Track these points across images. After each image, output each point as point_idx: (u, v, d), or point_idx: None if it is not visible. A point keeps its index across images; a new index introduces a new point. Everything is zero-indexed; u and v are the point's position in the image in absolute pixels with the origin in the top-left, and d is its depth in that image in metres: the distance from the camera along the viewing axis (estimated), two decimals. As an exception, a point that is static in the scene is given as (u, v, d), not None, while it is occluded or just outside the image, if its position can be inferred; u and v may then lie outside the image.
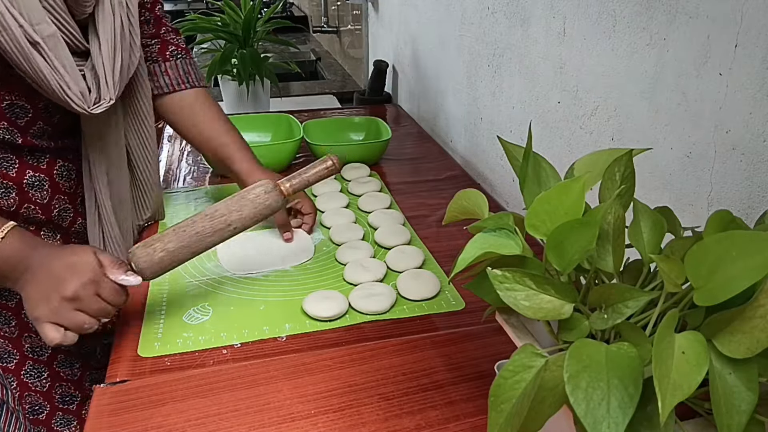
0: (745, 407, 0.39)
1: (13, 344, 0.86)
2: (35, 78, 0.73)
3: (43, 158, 0.84)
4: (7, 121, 0.77)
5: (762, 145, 0.61)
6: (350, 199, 1.14)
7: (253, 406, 0.67)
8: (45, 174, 0.84)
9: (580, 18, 0.89)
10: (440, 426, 0.64)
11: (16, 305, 0.85)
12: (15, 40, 0.69)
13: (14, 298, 0.85)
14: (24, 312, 0.85)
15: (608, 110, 0.85)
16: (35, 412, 0.89)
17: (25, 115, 0.79)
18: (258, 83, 1.69)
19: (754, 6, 0.60)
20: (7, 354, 0.85)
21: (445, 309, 0.84)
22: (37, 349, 0.88)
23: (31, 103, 0.79)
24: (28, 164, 0.82)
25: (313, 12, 3.25)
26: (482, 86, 1.26)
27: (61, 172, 0.86)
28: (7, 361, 0.85)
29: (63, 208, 0.88)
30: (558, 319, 0.48)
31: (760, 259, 0.38)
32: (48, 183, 0.84)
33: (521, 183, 0.55)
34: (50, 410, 0.90)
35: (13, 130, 0.79)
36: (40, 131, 0.81)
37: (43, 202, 0.85)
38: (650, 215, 0.51)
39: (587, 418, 0.38)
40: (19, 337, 0.86)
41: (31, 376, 0.88)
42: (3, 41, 0.69)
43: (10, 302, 0.85)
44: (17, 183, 0.81)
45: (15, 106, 0.77)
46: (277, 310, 0.83)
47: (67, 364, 0.92)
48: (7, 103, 0.77)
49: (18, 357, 0.86)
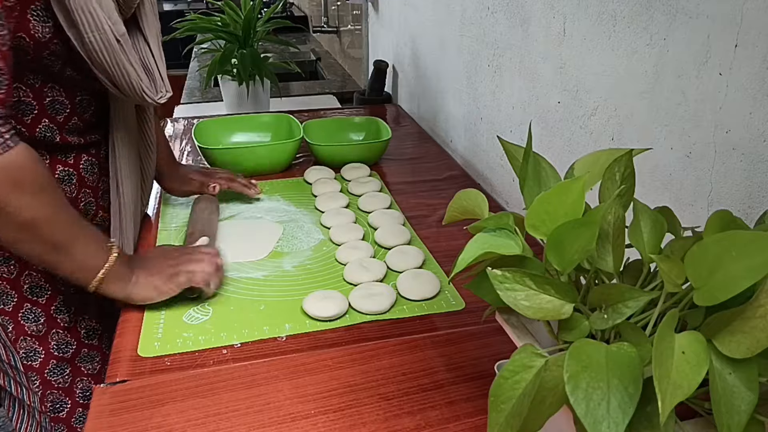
0: (745, 407, 0.39)
1: (40, 341, 0.87)
2: (117, 74, 0.75)
3: (71, 153, 0.86)
4: (48, 118, 0.79)
5: (762, 145, 0.61)
6: (350, 199, 1.14)
7: (253, 406, 0.67)
8: (73, 168, 0.86)
9: (580, 18, 0.89)
10: (440, 426, 0.64)
11: (47, 300, 0.87)
12: (107, 39, 0.72)
13: (45, 294, 0.86)
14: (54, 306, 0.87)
15: (608, 110, 0.85)
16: (56, 410, 0.90)
17: (63, 111, 0.80)
18: (258, 83, 1.69)
19: (754, 6, 0.60)
20: (33, 352, 0.87)
21: (445, 309, 0.84)
22: (62, 345, 0.89)
23: (69, 98, 0.80)
24: (59, 160, 0.84)
25: (313, 12, 3.25)
26: (482, 86, 1.26)
27: (86, 166, 0.88)
28: (32, 359, 0.87)
29: (87, 201, 0.90)
30: (558, 319, 0.48)
31: (760, 259, 0.38)
32: (75, 177, 0.87)
33: (521, 183, 0.55)
34: (71, 407, 0.92)
35: (53, 127, 0.80)
36: (74, 127, 0.83)
37: (71, 197, 0.87)
38: (650, 215, 0.51)
39: (587, 418, 0.38)
40: (46, 334, 0.87)
41: (54, 374, 0.89)
42: (96, 40, 0.71)
43: (41, 299, 0.86)
44: None
45: (56, 102, 0.79)
46: (277, 310, 0.83)
47: (88, 359, 0.93)
48: (48, 99, 0.78)
49: (44, 355, 0.87)
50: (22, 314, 0.85)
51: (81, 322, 0.92)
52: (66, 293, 0.88)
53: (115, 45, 0.72)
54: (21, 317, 0.85)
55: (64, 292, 0.88)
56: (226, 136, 1.35)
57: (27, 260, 0.80)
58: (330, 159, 1.28)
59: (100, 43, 0.72)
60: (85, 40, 0.71)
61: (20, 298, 0.84)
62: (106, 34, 0.71)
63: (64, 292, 0.88)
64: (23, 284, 0.84)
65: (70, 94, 0.80)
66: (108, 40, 0.72)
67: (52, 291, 0.87)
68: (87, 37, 0.71)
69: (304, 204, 1.13)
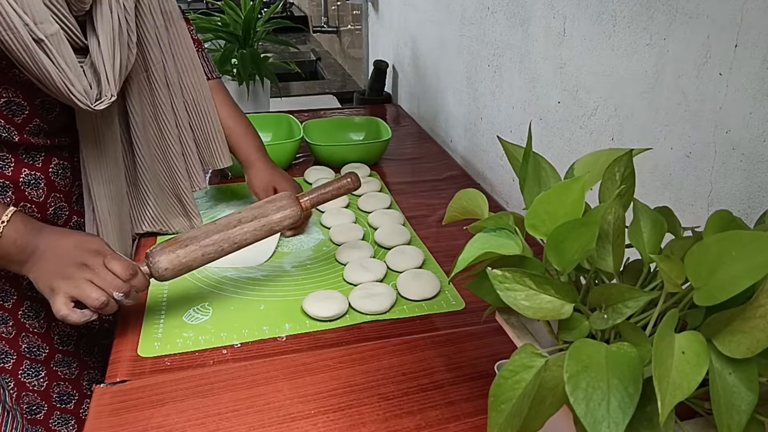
0: (745, 407, 0.39)
1: (10, 344, 0.86)
2: (39, 76, 0.72)
3: (39, 156, 0.84)
4: (4, 118, 0.77)
5: (762, 145, 0.61)
6: (350, 199, 1.14)
7: (253, 406, 0.67)
8: (40, 172, 0.84)
9: (580, 18, 0.89)
10: (440, 426, 0.64)
11: (12, 305, 0.85)
12: (20, 39, 0.69)
13: (10, 299, 0.85)
14: (21, 311, 0.85)
15: (608, 110, 0.85)
16: (33, 411, 0.89)
17: (21, 112, 0.79)
18: (258, 83, 1.69)
19: (754, 6, 0.60)
20: (4, 354, 0.85)
21: (445, 309, 0.84)
22: (34, 348, 0.88)
23: (27, 100, 0.79)
24: (24, 163, 0.82)
25: (313, 12, 3.26)
26: (482, 86, 1.26)
27: (56, 170, 0.86)
28: (4, 362, 0.85)
29: (58, 206, 0.88)
30: (558, 319, 0.48)
31: (760, 259, 0.38)
32: (44, 181, 0.84)
33: (521, 183, 0.55)
34: (48, 410, 0.90)
35: (10, 128, 0.79)
36: (37, 129, 0.81)
37: (39, 201, 0.85)
38: (650, 215, 0.51)
39: (587, 418, 0.38)
40: (16, 337, 0.86)
41: (28, 376, 0.88)
42: (8, 40, 0.69)
43: (7, 303, 0.85)
44: (13, 182, 0.81)
45: (12, 103, 0.77)
46: (277, 310, 0.83)
47: (64, 364, 0.92)
48: (4, 100, 0.76)
49: (15, 357, 0.86)
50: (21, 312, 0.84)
51: (54, 328, 0.90)
52: (34, 299, 0.86)
53: (31, 45, 0.70)
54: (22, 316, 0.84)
55: (31, 297, 0.86)
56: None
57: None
58: (330, 159, 1.28)
59: (14, 43, 0.69)
60: None
61: None
62: (20, 33, 0.69)
63: (31, 297, 0.86)
64: None
65: (27, 95, 0.78)
66: (22, 40, 0.69)
67: (18, 296, 0.85)
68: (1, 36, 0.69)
69: (304, 204, 1.13)
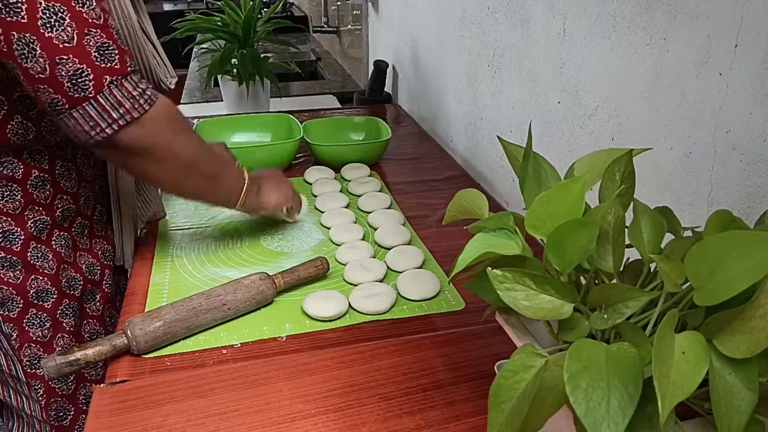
0: (745, 407, 0.39)
1: (45, 348, 0.86)
2: (140, 61, 0.80)
3: (67, 148, 0.86)
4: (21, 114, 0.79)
5: (762, 145, 0.61)
6: (350, 199, 1.14)
7: (253, 406, 0.67)
8: (71, 162, 0.87)
9: (580, 18, 0.89)
10: (440, 426, 0.64)
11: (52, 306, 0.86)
12: (133, 27, 0.77)
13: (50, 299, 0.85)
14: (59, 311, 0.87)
15: (608, 110, 0.85)
16: (60, 418, 0.89)
17: None
18: (258, 83, 1.69)
19: (754, 6, 0.60)
20: (38, 360, 0.86)
21: (445, 309, 0.84)
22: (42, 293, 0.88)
23: None
24: (56, 155, 0.85)
25: (313, 12, 3.25)
26: (482, 86, 1.26)
27: (82, 160, 0.89)
28: (36, 368, 0.86)
29: (87, 196, 0.91)
30: (558, 319, 0.48)
31: (760, 259, 0.38)
32: (74, 171, 0.87)
33: (521, 183, 0.55)
34: (74, 414, 0.91)
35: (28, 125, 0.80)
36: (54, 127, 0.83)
37: (72, 191, 0.87)
38: (650, 215, 0.51)
39: (587, 418, 0.38)
40: (50, 340, 0.86)
41: (58, 381, 0.88)
42: (124, 26, 0.77)
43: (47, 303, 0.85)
44: (50, 173, 0.84)
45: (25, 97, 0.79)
46: (277, 310, 0.83)
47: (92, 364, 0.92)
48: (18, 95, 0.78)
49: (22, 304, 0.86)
50: (27, 320, 0.84)
51: (85, 325, 0.91)
52: (71, 296, 0.88)
53: (140, 33, 0.79)
54: (26, 323, 0.84)
55: (69, 295, 0.88)
56: (226, 136, 1.35)
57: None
58: (330, 159, 1.28)
59: (129, 30, 0.78)
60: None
61: (26, 304, 0.83)
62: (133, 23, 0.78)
63: (69, 295, 0.88)
64: (29, 289, 0.83)
65: None
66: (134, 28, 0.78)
67: (58, 294, 0.86)
68: (118, 23, 0.78)
69: (304, 204, 1.13)
